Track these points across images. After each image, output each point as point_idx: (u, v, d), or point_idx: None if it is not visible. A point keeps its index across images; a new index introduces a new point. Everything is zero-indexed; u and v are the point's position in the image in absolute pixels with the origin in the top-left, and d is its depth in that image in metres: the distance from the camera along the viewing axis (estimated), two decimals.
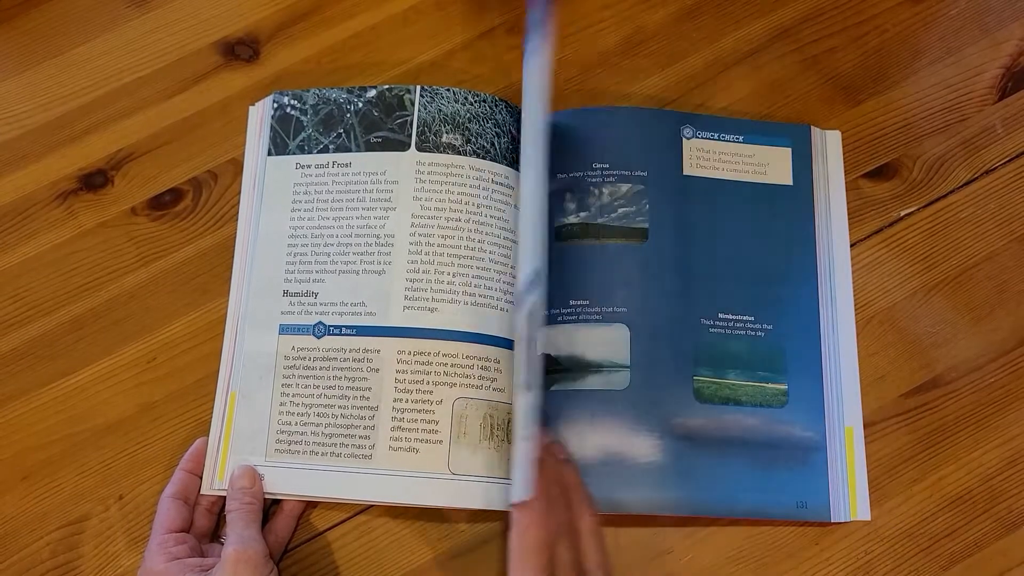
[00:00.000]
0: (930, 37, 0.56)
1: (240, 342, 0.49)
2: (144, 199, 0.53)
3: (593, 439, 0.46)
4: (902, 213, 0.53)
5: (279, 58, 0.56)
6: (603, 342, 0.47)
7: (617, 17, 0.57)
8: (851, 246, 0.52)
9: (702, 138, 0.52)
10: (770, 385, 0.48)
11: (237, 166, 0.54)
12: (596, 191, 0.50)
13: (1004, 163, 0.53)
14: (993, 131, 0.54)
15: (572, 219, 0.50)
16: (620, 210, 0.50)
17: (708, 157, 0.51)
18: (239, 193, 0.53)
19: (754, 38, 0.56)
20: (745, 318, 0.49)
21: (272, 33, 0.57)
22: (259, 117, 0.53)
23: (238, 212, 0.52)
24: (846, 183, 0.53)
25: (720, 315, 0.49)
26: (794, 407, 0.48)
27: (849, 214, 0.52)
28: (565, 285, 0.49)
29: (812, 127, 0.53)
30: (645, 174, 0.50)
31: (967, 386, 0.50)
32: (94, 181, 0.54)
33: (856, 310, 0.50)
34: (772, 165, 0.52)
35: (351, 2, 0.57)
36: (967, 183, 0.53)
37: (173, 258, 0.52)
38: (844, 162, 0.53)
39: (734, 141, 0.52)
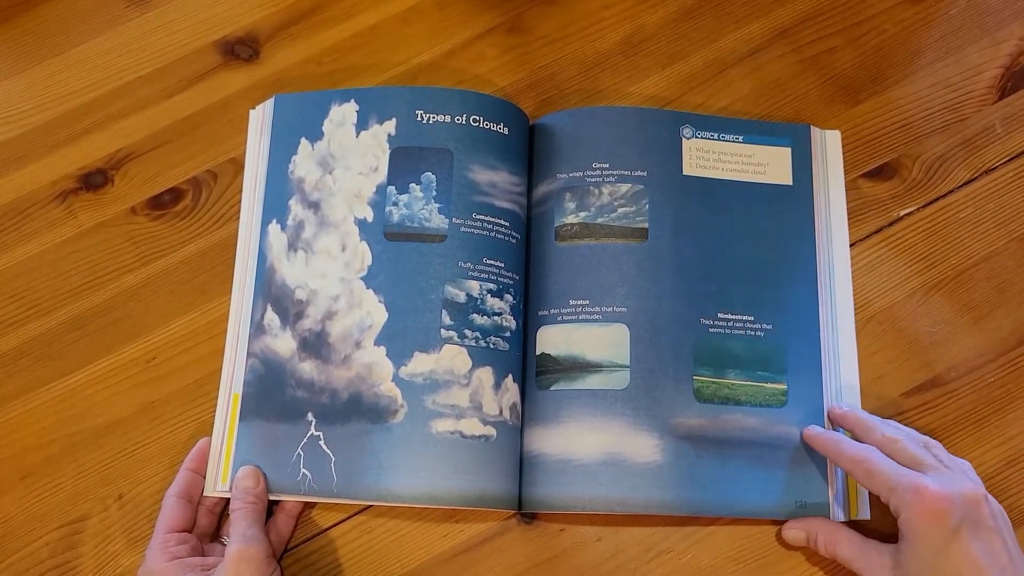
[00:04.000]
0: (930, 37, 0.56)
1: (242, 344, 0.49)
2: (144, 199, 0.53)
3: (593, 439, 0.46)
4: (902, 213, 0.53)
5: (279, 58, 0.56)
6: (603, 342, 0.47)
7: (617, 17, 0.57)
8: (851, 246, 0.52)
9: (702, 138, 0.52)
10: (769, 385, 0.48)
11: (237, 166, 0.54)
12: (596, 191, 0.50)
13: (1004, 163, 0.54)
14: (993, 131, 0.54)
15: (572, 219, 0.50)
16: (620, 210, 0.50)
17: (708, 157, 0.51)
18: (239, 193, 0.53)
19: (754, 38, 0.56)
20: (745, 318, 0.49)
21: (272, 33, 0.57)
22: (259, 119, 0.53)
23: (238, 212, 0.52)
24: (846, 183, 0.53)
25: (720, 315, 0.49)
26: (793, 407, 0.48)
27: (849, 214, 0.52)
28: (565, 285, 0.49)
29: (812, 127, 0.53)
30: (645, 174, 0.50)
31: (967, 386, 0.50)
32: (94, 181, 0.54)
33: (856, 310, 0.50)
34: (772, 165, 0.52)
35: (351, 2, 0.57)
36: (967, 183, 0.53)
37: (173, 258, 0.52)
38: (844, 162, 0.53)
39: (734, 141, 0.52)
